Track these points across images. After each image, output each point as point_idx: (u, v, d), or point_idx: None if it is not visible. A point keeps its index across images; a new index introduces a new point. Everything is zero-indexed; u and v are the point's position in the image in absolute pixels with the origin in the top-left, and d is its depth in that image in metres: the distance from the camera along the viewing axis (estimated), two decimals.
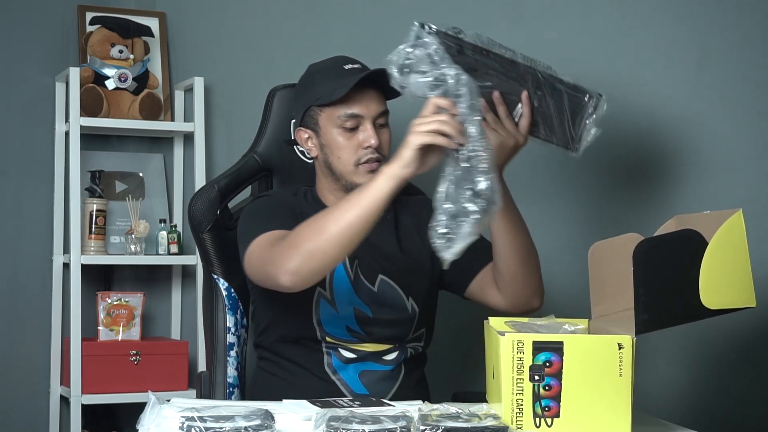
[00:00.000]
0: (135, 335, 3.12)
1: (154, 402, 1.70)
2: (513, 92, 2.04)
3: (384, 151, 2.24)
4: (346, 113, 2.22)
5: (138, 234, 3.13)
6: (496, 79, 2.03)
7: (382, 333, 2.25)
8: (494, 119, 2.04)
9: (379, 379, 2.24)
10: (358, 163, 2.23)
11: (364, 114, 2.22)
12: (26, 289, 3.21)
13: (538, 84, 2.04)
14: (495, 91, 2.03)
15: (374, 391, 2.21)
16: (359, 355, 2.24)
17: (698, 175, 3.25)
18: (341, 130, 2.23)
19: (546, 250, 3.22)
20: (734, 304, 1.81)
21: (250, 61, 3.28)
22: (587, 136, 2.05)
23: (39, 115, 3.21)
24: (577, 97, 2.04)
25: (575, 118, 2.06)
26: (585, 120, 2.05)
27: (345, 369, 2.24)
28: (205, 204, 2.44)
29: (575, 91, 2.04)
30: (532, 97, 2.05)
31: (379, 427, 1.61)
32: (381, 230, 2.26)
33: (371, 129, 2.21)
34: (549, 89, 2.04)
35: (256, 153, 2.52)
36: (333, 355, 2.24)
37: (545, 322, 1.93)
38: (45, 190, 3.20)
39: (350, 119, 2.22)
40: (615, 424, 1.73)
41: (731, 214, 1.80)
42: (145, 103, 3.14)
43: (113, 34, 3.16)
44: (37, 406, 3.18)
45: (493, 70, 2.01)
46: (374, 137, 2.21)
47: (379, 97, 2.24)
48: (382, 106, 2.25)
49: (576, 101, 2.05)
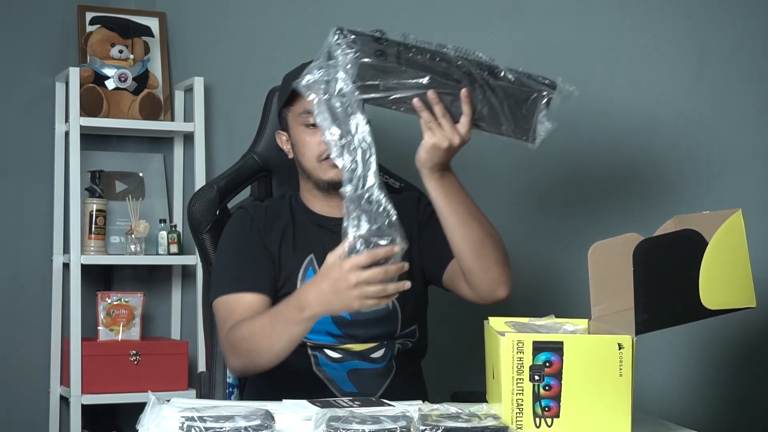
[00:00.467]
0: (135, 335, 3.12)
1: (154, 402, 1.70)
2: (451, 90, 1.97)
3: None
4: (304, 109, 2.24)
5: (138, 234, 3.13)
6: (430, 78, 1.95)
7: (365, 333, 2.24)
8: (429, 118, 1.97)
9: (369, 377, 2.24)
10: (320, 159, 2.23)
11: None
12: (26, 289, 3.21)
13: (480, 81, 1.97)
14: (429, 90, 1.96)
15: (364, 389, 2.21)
16: (345, 355, 2.24)
17: (698, 175, 3.25)
18: (304, 128, 2.25)
19: (546, 250, 3.24)
20: (734, 304, 1.81)
21: (250, 61, 3.28)
22: (542, 129, 1.99)
23: (39, 115, 3.21)
24: (525, 92, 1.97)
25: (527, 112, 1.99)
26: (537, 114, 1.98)
27: (333, 368, 2.24)
28: (205, 204, 2.44)
29: (524, 86, 1.97)
30: (473, 94, 1.97)
31: (379, 427, 1.61)
32: None
33: None
34: (493, 85, 1.97)
35: (256, 153, 2.52)
36: (319, 356, 2.24)
37: (545, 322, 1.93)
38: (45, 190, 3.20)
39: (309, 115, 2.22)
40: (615, 424, 1.73)
41: (731, 214, 1.80)
42: (145, 103, 3.14)
43: (113, 34, 3.16)
44: (37, 406, 3.18)
45: (425, 69, 1.95)
46: None
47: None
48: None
49: (525, 96, 1.98)
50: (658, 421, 1.96)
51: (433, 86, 1.95)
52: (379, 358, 2.25)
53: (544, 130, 1.99)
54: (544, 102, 1.97)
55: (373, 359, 2.25)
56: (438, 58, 1.94)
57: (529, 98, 1.97)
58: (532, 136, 2.00)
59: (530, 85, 1.96)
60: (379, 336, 2.26)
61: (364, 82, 1.90)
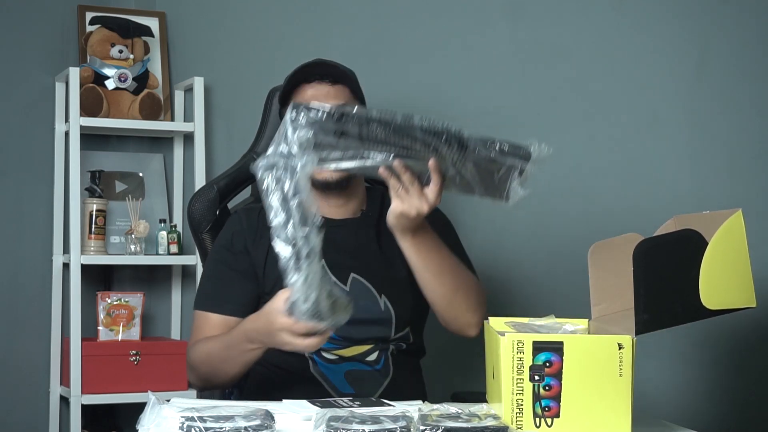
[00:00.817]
0: (135, 335, 3.12)
1: (154, 402, 1.70)
2: (418, 160, 1.91)
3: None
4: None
5: (138, 234, 3.13)
6: (396, 149, 1.89)
7: (360, 335, 2.23)
8: (396, 185, 1.95)
9: (367, 379, 2.23)
10: None
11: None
12: (26, 289, 3.20)
13: (449, 158, 1.91)
14: (396, 160, 1.90)
15: (362, 390, 2.20)
16: (342, 357, 2.24)
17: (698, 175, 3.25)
18: None
19: (546, 250, 3.24)
20: (734, 304, 1.81)
21: (250, 61, 3.28)
22: (515, 196, 1.95)
23: (39, 115, 3.21)
24: (497, 165, 1.92)
25: (499, 182, 1.95)
26: (510, 183, 1.94)
27: (331, 370, 2.23)
28: (205, 204, 2.44)
29: (495, 162, 1.91)
30: (443, 165, 1.92)
31: (379, 427, 1.61)
32: (359, 228, 2.28)
33: None
34: (463, 162, 1.92)
35: (256, 153, 2.52)
36: (316, 358, 2.23)
37: (545, 322, 1.93)
38: (45, 190, 3.20)
39: None
40: (615, 424, 1.73)
41: (731, 214, 1.80)
42: (145, 103, 3.14)
43: (113, 34, 3.16)
44: (37, 406, 3.18)
45: (388, 147, 1.88)
46: None
47: (338, 92, 2.25)
48: (340, 100, 2.22)
49: (497, 168, 1.92)
50: (658, 421, 1.96)
51: (401, 157, 1.90)
52: (374, 360, 2.25)
53: (517, 196, 1.96)
54: (517, 172, 1.93)
55: (369, 362, 2.25)
56: (403, 135, 1.87)
57: (501, 169, 1.93)
58: (506, 198, 1.97)
59: (502, 160, 1.91)
60: (374, 339, 2.25)
61: (322, 164, 1.85)
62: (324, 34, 3.24)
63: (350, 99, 2.26)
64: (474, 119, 3.20)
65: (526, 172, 1.92)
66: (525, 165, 1.92)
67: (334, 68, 2.28)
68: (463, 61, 3.23)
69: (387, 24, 3.24)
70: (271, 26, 3.28)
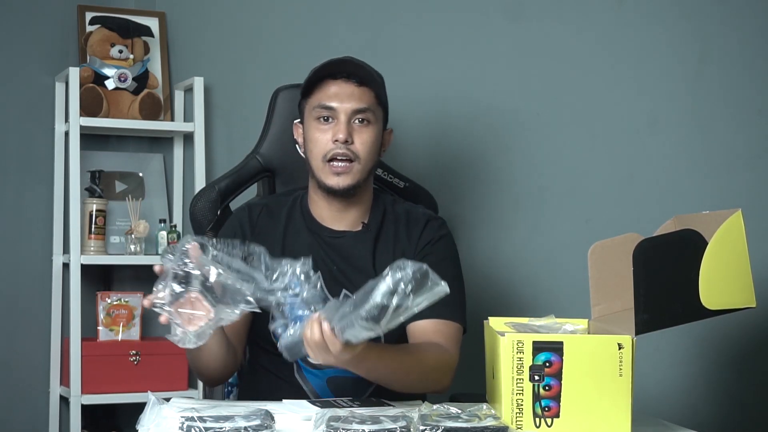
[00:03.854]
0: (135, 335, 3.12)
1: (154, 402, 1.71)
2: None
3: (358, 152, 2.15)
4: (319, 103, 2.17)
5: (138, 234, 3.13)
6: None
7: None
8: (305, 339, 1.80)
9: (350, 386, 2.15)
10: (326, 160, 2.15)
11: (336, 106, 2.15)
12: (26, 289, 3.20)
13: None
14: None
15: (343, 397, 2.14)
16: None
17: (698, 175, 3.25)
18: (317, 123, 2.17)
19: (546, 250, 3.24)
20: (734, 304, 1.81)
21: (250, 61, 3.28)
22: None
23: (39, 115, 3.21)
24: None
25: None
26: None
27: (314, 376, 2.19)
28: (206, 204, 2.45)
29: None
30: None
31: (379, 427, 1.61)
32: (357, 242, 2.22)
33: (343, 123, 2.14)
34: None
35: (259, 154, 2.52)
36: (300, 362, 2.18)
37: (545, 323, 1.93)
38: (45, 190, 3.20)
39: (323, 110, 2.16)
40: (615, 424, 1.73)
41: (731, 214, 1.80)
42: (144, 103, 3.14)
43: (113, 34, 3.16)
44: (37, 406, 3.18)
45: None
46: (343, 132, 2.13)
47: (363, 94, 2.17)
48: (362, 104, 2.16)
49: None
50: (658, 421, 1.96)
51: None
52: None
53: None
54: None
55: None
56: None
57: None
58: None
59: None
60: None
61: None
62: (324, 34, 3.24)
63: (374, 103, 2.18)
64: (474, 119, 3.20)
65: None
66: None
67: (362, 69, 2.19)
68: (463, 61, 3.23)
69: (387, 24, 3.24)
70: (271, 26, 3.28)
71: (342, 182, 2.15)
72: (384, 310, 1.63)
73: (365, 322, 1.64)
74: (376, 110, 2.19)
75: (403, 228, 2.25)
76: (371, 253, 2.22)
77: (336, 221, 2.23)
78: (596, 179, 3.24)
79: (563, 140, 3.23)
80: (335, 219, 2.23)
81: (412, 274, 1.62)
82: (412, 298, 1.63)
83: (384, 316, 1.63)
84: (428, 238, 2.23)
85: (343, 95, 2.16)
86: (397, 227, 2.25)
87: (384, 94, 2.22)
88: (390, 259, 2.16)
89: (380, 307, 1.63)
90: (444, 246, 2.24)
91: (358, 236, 2.23)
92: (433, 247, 2.21)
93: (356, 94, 2.16)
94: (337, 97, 2.16)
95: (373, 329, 1.66)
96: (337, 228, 2.24)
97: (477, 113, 3.20)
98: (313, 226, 2.24)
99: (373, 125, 2.18)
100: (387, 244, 2.23)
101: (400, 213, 2.27)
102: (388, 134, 2.26)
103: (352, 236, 2.23)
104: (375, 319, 1.64)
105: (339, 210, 2.23)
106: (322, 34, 3.25)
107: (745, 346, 3.20)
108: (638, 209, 3.19)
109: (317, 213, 2.24)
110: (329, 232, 2.22)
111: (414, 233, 2.25)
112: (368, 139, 2.17)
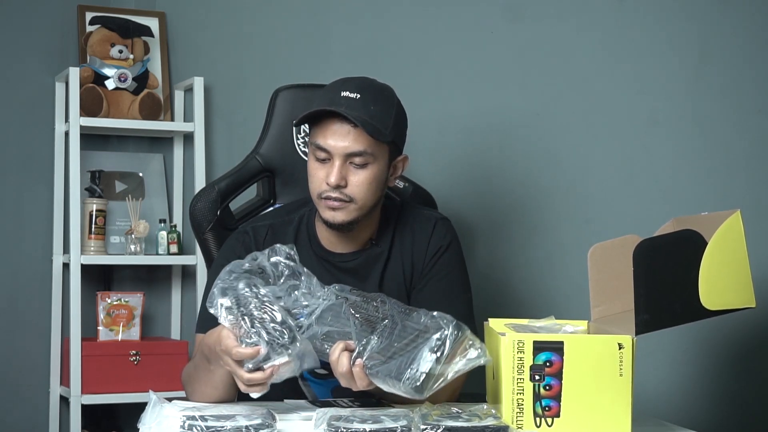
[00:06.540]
0: (135, 335, 3.12)
1: (156, 401, 1.71)
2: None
3: (352, 193, 2.07)
4: (315, 142, 2.07)
5: (138, 234, 3.13)
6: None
7: None
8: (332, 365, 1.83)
9: (355, 396, 2.10)
10: (320, 197, 2.08)
11: (330, 149, 2.05)
12: (26, 289, 3.21)
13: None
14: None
15: None
16: (331, 373, 2.16)
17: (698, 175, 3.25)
18: (314, 159, 2.09)
19: (546, 250, 3.24)
20: (734, 305, 1.81)
21: (250, 61, 3.28)
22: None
23: (39, 115, 3.21)
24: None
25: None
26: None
27: (319, 385, 2.18)
28: (206, 204, 2.44)
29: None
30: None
31: (380, 427, 1.61)
32: (365, 262, 2.18)
33: (336, 166, 2.04)
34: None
35: (259, 154, 2.52)
36: (305, 372, 2.16)
37: (545, 324, 1.93)
38: (45, 190, 3.20)
39: (319, 150, 2.06)
40: (615, 424, 1.74)
41: (730, 215, 1.80)
42: (144, 103, 3.14)
43: (113, 34, 3.16)
44: (37, 406, 3.18)
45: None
46: (334, 175, 2.04)
47: (358, 136, 2.04)
48: (358, 146, 2.04)
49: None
50: (658, 421, 1.96)
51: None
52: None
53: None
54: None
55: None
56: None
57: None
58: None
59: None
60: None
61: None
62: (324, 34, 3.24)
63: (372, 144, 2.06)
64: (474, 120, 3.20)
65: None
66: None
67: (362, 108, 2.05)
68: (463, 60, 3.23)
69: (387, 24, 3.24)
70: (271, 26, 3.28)
71: (338, 217, 2.09)
72: (427, 379, 1.71)
73: (404, 386, 1.72)
74: (376, 150, 2.08)
75: (409, 237, 2.21)
76: (380, 272, 2.18)
77: (343, 245, 2.18)
78: (596, 179, 3.23)
79: (563, 140, 3.23)
80: (342, 243, 2.18)
81: (452, 336, 1.73)
82: (451, 366, 1.73)
83: (427, 387, 1.72)
84: (436, 245, 2.19)
85: (338, 136, 2.05)
86: (404, 238, 2.21)
87: (389, 132, 2.08)
88: (398, 274, 2.17)
89: (422, 376, 1.71)
90: (450, 256, 2.21)
91: (365, 256, 2.19)
92: (441, 257, 2.18)
93: (352, 136, 2.04)
94: (332, 138, 2.05)
95: (413, 396, 1.73)
96: (345, 251, 2.19)
97: (477, 113, 3.20)
98: (321, 253, 2.19)
99: (371, 165, 2.08)
100: (396, 258, 2.20)
101: (407, 221, 2.23)
102: (401, 161, 2.17)
103: (363, 257, 2.19)
104: (418, 390, 1.71)
105: (342, 238, 2.18)
106: (322, 34, 3.25)
107: (745, 346, 3.20)
108: (638, 209, 3.19)
109: (323, 236, 2.19)
110: (339, 257, 2.18)
111: (422, 240, 2.21)
112: (364, 181, 2.07)
